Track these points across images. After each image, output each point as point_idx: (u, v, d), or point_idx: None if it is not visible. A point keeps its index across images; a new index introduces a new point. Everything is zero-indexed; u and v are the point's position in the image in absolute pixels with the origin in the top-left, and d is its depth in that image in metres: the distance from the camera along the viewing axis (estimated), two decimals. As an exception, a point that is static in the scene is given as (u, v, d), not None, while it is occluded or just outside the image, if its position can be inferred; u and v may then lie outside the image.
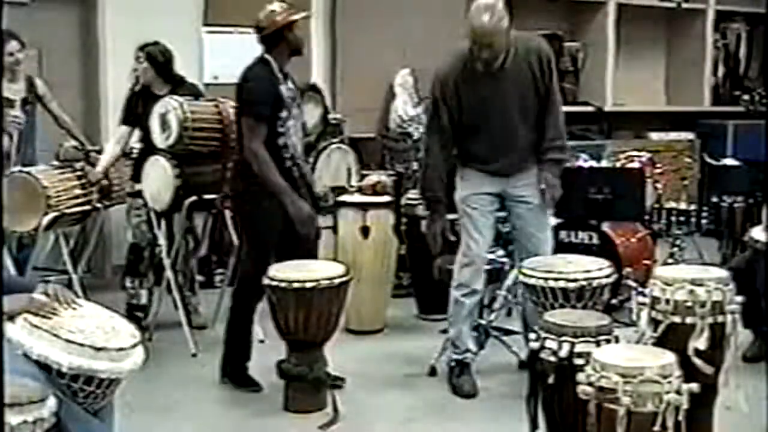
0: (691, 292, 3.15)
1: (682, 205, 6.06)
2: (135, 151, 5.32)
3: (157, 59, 5.14)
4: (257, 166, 4.13)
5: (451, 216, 4.52)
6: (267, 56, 4.25)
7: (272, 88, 4.19)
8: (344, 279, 4.09)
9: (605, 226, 5.51)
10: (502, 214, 4.60)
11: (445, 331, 5.33)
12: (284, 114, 4.22)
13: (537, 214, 4.37)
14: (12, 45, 5.39)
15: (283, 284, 4.01)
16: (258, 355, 4.49)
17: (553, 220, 5.63)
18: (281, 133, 4.22)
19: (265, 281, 4.07)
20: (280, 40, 4.24)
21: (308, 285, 3.98)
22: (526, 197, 4.35)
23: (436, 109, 4.29)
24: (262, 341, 4.89)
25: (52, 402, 2.54)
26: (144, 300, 5.34)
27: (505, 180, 4.34)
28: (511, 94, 4.20)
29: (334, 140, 5.92)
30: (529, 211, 4.36)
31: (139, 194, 5.12)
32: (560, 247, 5.09)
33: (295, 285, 3.98)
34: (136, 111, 5.14)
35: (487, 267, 5.27)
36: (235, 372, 4.41)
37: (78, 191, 5.07)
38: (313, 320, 4.03)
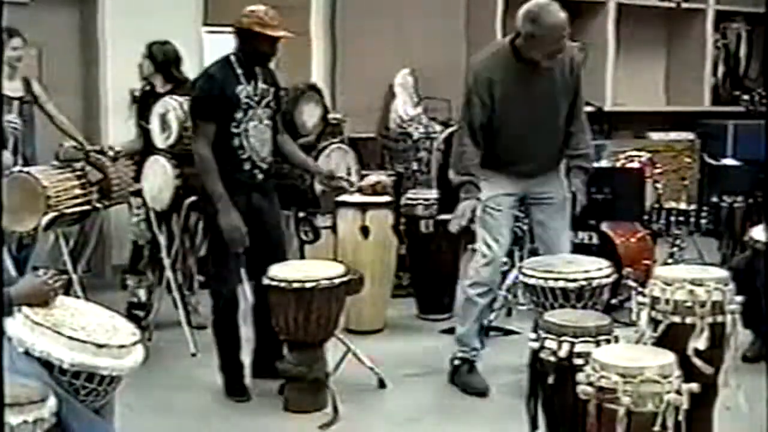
0: (691, 292, 3.15)
1: (682, 205, 6.06)
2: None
3: (156, 58, 5.17)
4: (199, 167, 4.13)
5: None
6: (232, 54, 4.21)
7: (222, 89, 4.13)
8: (344, 279, 4.09)
9: (605, 226, 5.50)
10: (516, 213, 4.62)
11: (445, 331, 5.34)
12: (239, 115, 4.15)
13: (560, 211, 4.38)
14: (16, 41, 5.42)
15: (282, 284, 4.00)
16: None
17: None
18: (235, 134, 4.16)
19: (265, 281, 4.06)
20: (243, 41, 4.19)
21: (308, 285, 3.97)
22: (550, 193, 4.37)
23: (470, 104, 4.21)
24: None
25: (52, 402, 2.54)
26: (143, 298, 5.35)
27: (529, 181, 4.35)
28: (545, 97, 4.20)
29: (334, 140, 5.91)
30: (552, 208, 4.37)
31: (138, 193, 5.14)
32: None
33: (295, 285, 3.98)
34: (144, 110, 5.16)
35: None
36: (229, 380, 4.36)
37: (78, 191, 5.07)
38: (313, 320, 4.02)
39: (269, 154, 4.32)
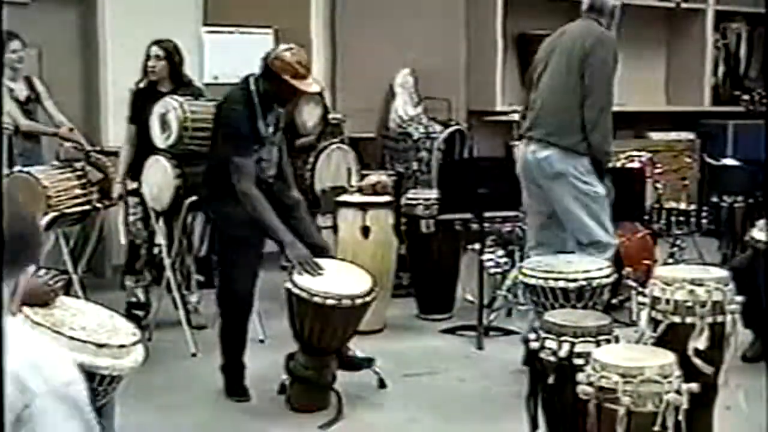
0: (691, 292, 3.16)
1: (682, 205, 6.07)
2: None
3: (174, 57, 5.18)
4: (250, 207, 4.04)
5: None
6: (253, 85, 4.14)
7: (251, 126, 4.13)
8: (367, 299, 3.97)
9: (605, 226, 5.50)
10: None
11: (445, 331, 5.34)
12: (256, 147, 4.17)
13: None
14: (15, 44, 5.43)
15: (303, 294, 3.91)
16: (261, 353, 4.51)
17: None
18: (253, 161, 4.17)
19: (288, 285, 3.97)
20: (270, 81, 4.12)
21: (329, 302, 3.88)
22: None
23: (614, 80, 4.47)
24: (261, 341, 4.91)
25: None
26: (141, 298, 5.35)
27: None
28: None
29: (334, 140, 5.92)
30: None
31: (135, 192, 5.14)
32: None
33: (316, 299, 3.88)
34: (142, 108, 5.15)
35: (496, 270, 5.32)
36: (230, 380, 4.34)
37: (78, 191, 5.07)
38: (329, 332, 3.97)
39: (276, 169, 4.33)
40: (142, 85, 5.28)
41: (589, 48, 4.34)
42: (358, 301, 3.94)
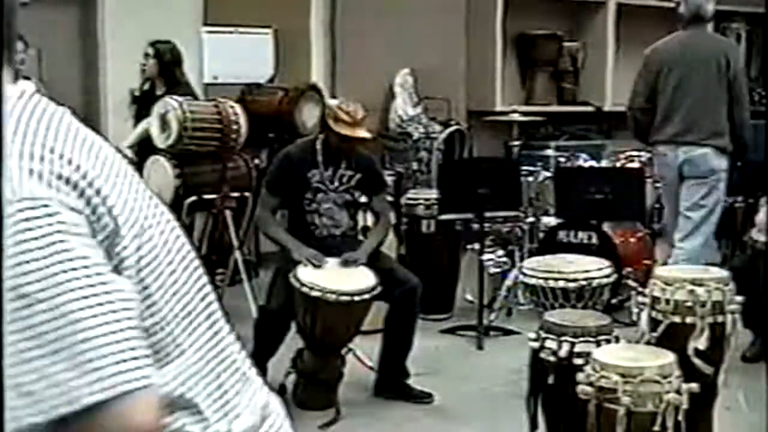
0: (691, 292, 3.16)
1: (682, 205, 6.04)
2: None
3: (164, 57, 5.19)
4: (261, 227, 4.50)
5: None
6: (319, 136, 4.27)
7: (294, 169, 4.20)
8: (355, 298, 3.94)
9: (605, 226, 5.50)
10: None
11: (445, 331, 5.34)
12: (309, 196, 4.20)
13: None
14: (18, 45, 5.43)
15: (297, 284, 3.92)
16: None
17: (554, 220, 5.65)
18: (307, 211, 4.22)
19: (289, 275, 3.99)
20: (322, 130, 4.25)
21: (313, 294, 3.87)
22: None
23: None
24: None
25: None
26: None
27: None
28: None
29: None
30: None
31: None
32: (560, 247, 5.10)
33: (303, 290, 3.89)
34: (142, 112, 5.17)
35: (496, 269, 5.30)
36: None
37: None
38: (320, 327, 3.95)
39: (347, 229, 4.32)
40: (146, 87, 5.30)
41: (733, 58, 4.93)
42: (343, 298, 3.91)
